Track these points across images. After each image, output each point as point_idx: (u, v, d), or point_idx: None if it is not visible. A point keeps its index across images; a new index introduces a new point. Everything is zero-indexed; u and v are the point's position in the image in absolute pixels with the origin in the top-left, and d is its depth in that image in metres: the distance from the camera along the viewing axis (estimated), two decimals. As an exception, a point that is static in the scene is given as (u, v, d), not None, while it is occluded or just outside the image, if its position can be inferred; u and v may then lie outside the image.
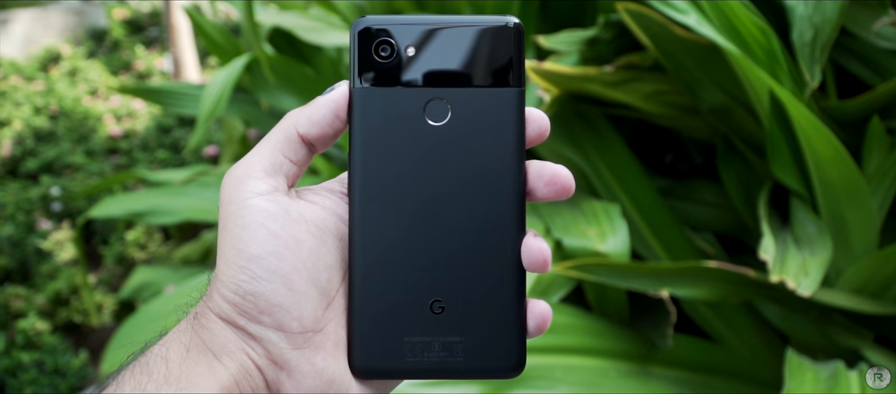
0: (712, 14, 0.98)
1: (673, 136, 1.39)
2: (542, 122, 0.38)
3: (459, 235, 0.37)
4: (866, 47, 1.08)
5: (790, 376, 0.86)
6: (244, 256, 0.35)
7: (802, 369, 0.88)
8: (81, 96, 3.86)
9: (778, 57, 0.97)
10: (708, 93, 1.11)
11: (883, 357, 1.00)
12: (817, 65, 0.96)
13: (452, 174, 0.37)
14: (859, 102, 0.98)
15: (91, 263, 2.56)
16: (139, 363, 0.35)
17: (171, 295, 1.39)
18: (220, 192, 0.37)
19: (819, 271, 0.90)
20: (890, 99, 0.96)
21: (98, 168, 3.08)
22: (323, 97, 0.38)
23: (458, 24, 0.37)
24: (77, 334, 2.26)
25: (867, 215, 1.00)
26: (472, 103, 0.37)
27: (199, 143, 3.01)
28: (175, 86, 2.23)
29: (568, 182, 0.37)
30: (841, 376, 0.88)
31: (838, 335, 1.06)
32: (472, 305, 0.37)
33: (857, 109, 1.00)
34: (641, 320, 1.11)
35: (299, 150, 0.37)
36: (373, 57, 0.37)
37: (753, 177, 1.17)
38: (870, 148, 1.00)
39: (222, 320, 0.36)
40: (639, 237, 1.15)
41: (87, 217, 1.67)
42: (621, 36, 1.16)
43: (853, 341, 1.04)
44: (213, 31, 1.86)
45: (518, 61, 0.37)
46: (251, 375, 0.35)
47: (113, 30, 5.09)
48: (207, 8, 4.79)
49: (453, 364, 0.37)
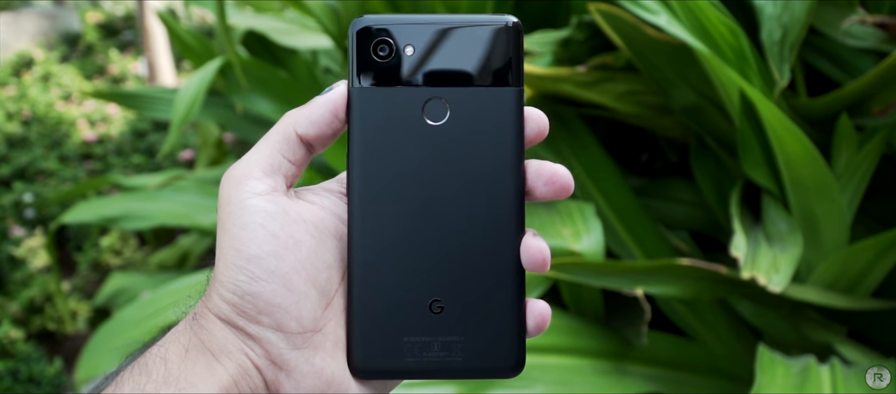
0: (682, 14, 0.99)
1: (649, 135, 1.40)
2: (541, 121, 0.38)
3: (458, 235, 0.37)
4: (835, 46, 1.10)
5: (761, 371, 0.87)
6: (243, 256, 0.35)
7: (774, 364, 0.89)
8: (54, 101, 3.82)
9: (747, 56, 0.98)
10: (680, 92, 1.12)
11: (855, 352, 1.01)
12: (786, 64, 0.97)
13: (451, 174, 0.37)
14: (828, 100, 0.99)
15: (65, 270, 2.53)
16: (138, 364, 0.35)
17: (146, 300, 1.38)
18: (219, 192, 0.37)
19: (790, 268, 0.91)
20: (858, 97, 0.98)
21: (72, 174, 3.05)
22: (321, 97, 0.37)
23: (456, 24, 0.37)
24: (51, 341, 2.23)
25: (837, 212, 1.01)
26: (470, 103, 0.37)
27: (174, 147, 2.99)
28: (149, 90, 2.21)
29: (567, 181, 0.37)
30: (812, 371, 0.89)
31: (811, 331, 1.07)
32: (472, 304, 0.37)
33: (826, 107, 1.01)
34: (617, 318, 1.11)
35: (298, 150, 0.37)
36: (371, 56, 0.37)
37: (726, 175, 1.18)
38: (839, 145, 1.01)
39: (221, 320, 0.35)
40: (614, 236, 1.15)
41: (59, 223, 1.65)
42: (594, 36, 1.17)
43: (826, 336, 1.06)
44: (186, 35, 1.84)
45: (517, 61, 0.37)
46: (250, 375, 0.35)
47: (86, 34, 5.04)
48: (182, 11, 4.75)
49: (452, 364, 0.37)
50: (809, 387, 0.85)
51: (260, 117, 1.72)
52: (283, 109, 1.54)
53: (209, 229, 1.55)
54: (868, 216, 1.13)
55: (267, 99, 1.56)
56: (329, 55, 1.79)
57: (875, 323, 1.11)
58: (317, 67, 1.70)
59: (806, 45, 1.10)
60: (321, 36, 1.69)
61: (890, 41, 1.00)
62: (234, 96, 1.57)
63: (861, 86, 0.95)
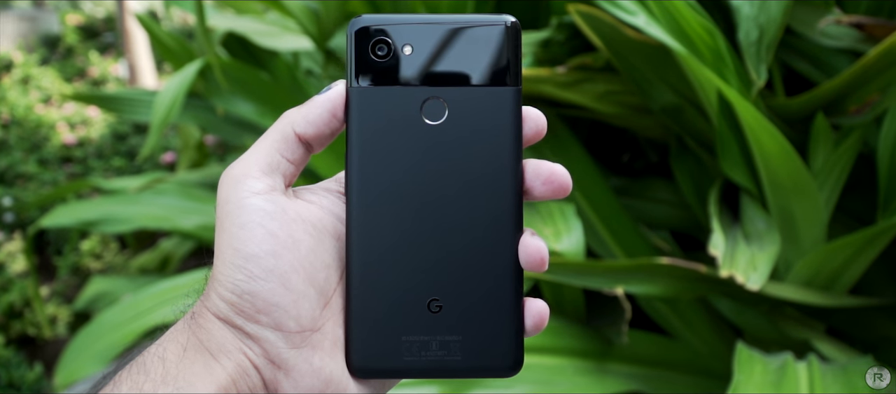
0: (660, 15, 0.99)
1: (630, 136, 1.41)
2: (540, 121, 0.38)
3: (457, 234, 0.37)
4: (812, 46, 1.11)
5: (739, 368, 0.88)
6: (241, 255, 0.35)
7: (752, 361, 0.90)
8: (34, 104, 3.78)
9: (724, 57, 0.98)
10: (659, 93, 1.12)
11: (833, 348, 1.02)
12: (763, 64, 0.98)
13: (450, 173, 0.37)
14: (804, 99, 1.00)
15: (45, 275, 2.51)
16: (136, 363, 0.35)
17: (126, 304, 1.37)
18: (218, 191, 0.37)
19: (767, 266, 0.92)
20: (834, 96, 0.99)
21: (51, 177, 3.02)
22: (320, 96, 0.37)
23: (455, 24, 0.37)
24: (32, 346, 2.21)
25: (814, 210, 1.02)
26: (469, 102, 0.37)
27: (154, 150, 2.97)
28: (130, 92, 2.19)
29: (565, 181, 0.37)
30: (789, 367, 0.89)
31: (790, 328, 1.08)
32: (470, 304, 0.37)
33: (803, 107, 1.02)
34: (598, 317, 1.12)
35: (296, 149, 0.37)
36: (369, 56, 0.37)
37: (706, 174, 1.19)
38: (816, 144, 1.02)
39: (219, 319, 0.35)
40: (594, 236, 1.16)
41: (37, 227, 1.63)
42: (574, 37, 1.17)
43: (804, 333, 1.07)
44: (165, 37, 1.83)
45: (515, 60, 0.37)
46: (248, 374, 0.35)
47: (67, 36, 5.00)
48: (163, 13, 4.72)
49: (451, 363, 0.37)
50: (787, 383, 0.86)
51: (241, 119, 1.71)
52: (265, 111, 1.53)
53: (190, 232, 1.54)
54: (845, 214, 1.14)
55: (248, 101, 1.55)
56: (310, 57, 1.78)
57: (853, 320, 1.12)
58: (298, 69, 1.70)
59: (783, 45, 1.11)
60: (302, 37, 1.68)
61: (866, 41, 1.01)
62: (215, 98, 1.56)
63: (837, 85, 0.96)
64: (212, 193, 1.70)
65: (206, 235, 1.54)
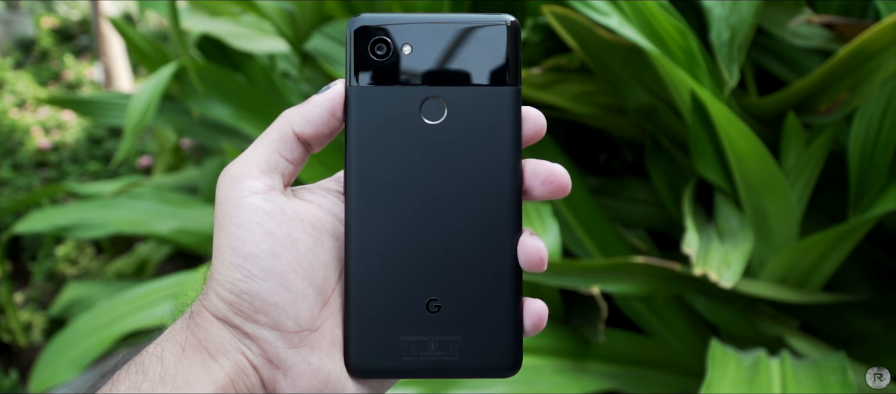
0: (632, 16, 1.00)
1: (607, 136, 1.42)
2: (539, 121, 0.38)
3: (456, 234, 0.37)
4: (783, 46, 1.12)
5: (713, 365, 0.89)
6: (240, 254, 0.35)
7: (726, 358, 0.91)
8: (8, 109, 3.74)
9: (697, 57, 0.99)
10: (633, 93, 1.13)
11: (806, 344, 1.04)
12: (735, 64, 0.99)
13: (449, 173, 0.37)
14: (776, 98, 1.01)
15: (20, 281, 2.48)
16: (134, 363, 0.35)
17: (101, 309, 1.35)
18: (216, 190, 0.37)
19: (740, 263, 0.93)
20: (805, 95, 1.00)
21: (26, 182, 2.99)
22: (319, 96, 0.37)
23: (454, 23, 0.37)
24: (7, 353, 2.18)
25: (787, 208, 1.03)
26: (468, 102, 0.37)
27: (129, 154, 2.94)
28: (105, 96, 2.17)
29: (564, 181, 0.37)
30: (762, 364, 0.90)
31: (764, 325, 1.09)
32: (469, 304, 0.37)
33: (774, 106, 1.03)
34: (575, 317, 1.12)
35: (295, 148, 0.37)
36: (368, 55, 0.37)
37: (680, 174, 1.20)
38: (787, 143, 1.03)
39: (218, 318, 0.35)
40: (571, 235, 1.16)
41: (11, 233, 1.61)
42: (549, 38, 1.18)
43: (778, 329, 1.08)
44: (140, 40, 1.82)
45: (514, 60, 0.37)
46: (247, 374, 0.35)
47: (41, 39, 4.94)
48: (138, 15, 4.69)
49: (449, 363, 0.37)
50: (759, 379, 0.87)
51: (217, 123, 1.70)
52: (241, 113, 1.53)
53: (167, 237, 1.53)
54: (817, 212, 1.15)
55: (224, 104, 1.54)
56: (286, 59, 1.78)
57: (826, 316, 1.13)
58: (274, 72, 1.69)
59: (755, 45, 1.12)
60: (278, 40, 1.68)
61: (836, 40, 1.02)
62: (191, 101, 1.55)
63: (808, 84, 0.97)
64: (188, 197, 1.68)
65: (182, 240, 1.53)
